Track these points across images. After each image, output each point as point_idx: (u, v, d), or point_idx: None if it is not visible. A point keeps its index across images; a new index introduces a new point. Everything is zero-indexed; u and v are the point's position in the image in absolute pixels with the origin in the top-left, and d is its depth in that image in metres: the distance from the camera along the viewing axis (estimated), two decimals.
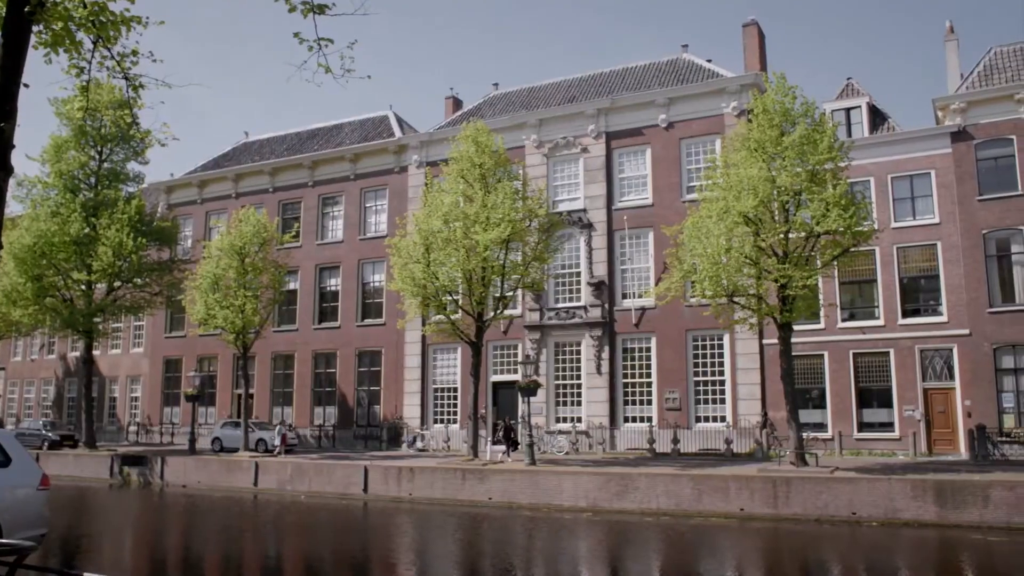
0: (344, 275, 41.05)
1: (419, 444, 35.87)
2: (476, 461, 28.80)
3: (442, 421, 37.42)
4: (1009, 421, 28.51)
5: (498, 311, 30.29)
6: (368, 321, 40.03)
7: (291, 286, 41.49)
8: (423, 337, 36.99)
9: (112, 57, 9.21)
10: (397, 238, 30.80)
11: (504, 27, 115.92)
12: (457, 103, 44.03)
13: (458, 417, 36.77)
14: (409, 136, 40.72)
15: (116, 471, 35.53)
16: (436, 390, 37.95)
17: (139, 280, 39.45)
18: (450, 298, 29.92)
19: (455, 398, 37.28)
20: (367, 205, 41.42)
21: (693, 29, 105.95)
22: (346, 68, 8.82)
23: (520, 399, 30.34)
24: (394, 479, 28.56)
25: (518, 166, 33.38)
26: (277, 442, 34.49)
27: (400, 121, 43.96)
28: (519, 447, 30.26)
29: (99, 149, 39.09)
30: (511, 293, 31.11)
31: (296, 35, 8.73)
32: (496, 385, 36.17)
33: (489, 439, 31.92)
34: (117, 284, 38.60)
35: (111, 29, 8.78)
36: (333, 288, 41.59)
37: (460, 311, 30.44)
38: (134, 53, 9.33)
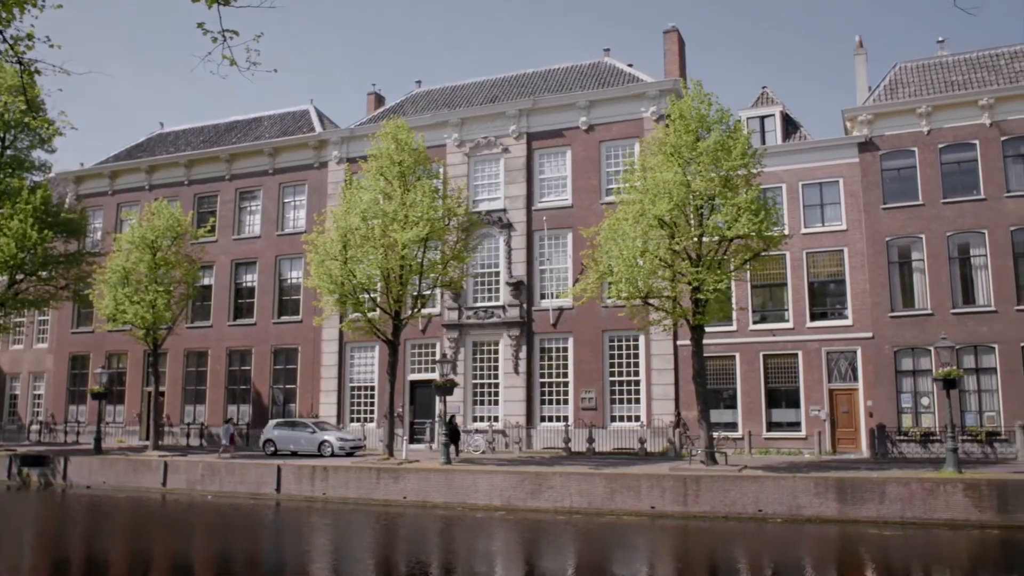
0: (261, 271, 40.30)
1: None
2: (391, 460, 28.62)
3: (359, 420, 37.08)
4: (907, 421, 29.69)
5: (416, 310, 30.16)
6: (285, 318, 39.39)
7: (206, 281, 40.56)
8: (341, 335, 36.62)
9: (5, 40, 8.88)
10: (315, 235, 30.39)
11: (429, 25, 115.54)
12: (379, 99, 43.68)
13: (375, 416, 36.49)
14: (330, 132, 40.20)
15: (14, 472, 34.16)
16: (353, 388, 37.58)
17: (44, 273, 37.92)
18: (367, 296, 29.66)
19: (372, 397, 36.98)
20: (286, 200, 40.74)
21: (616, 33, 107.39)
22: (252, 61, 8.70)
23: (437, 398, 30.25)
24: (308, 479, 28.19)
25: (438, 164, 33.31)
26: (226, 441, 33.30)
27: (321, 116, 43.38)
28: (460, 448, 29.99)
29: (1, 136, 37.50)
30: (429, 292, 31.02)
31: (200, 25, 8.56)
32: (414, 384, 36.02)
33: (405, 438, 31.77)
34: (20, 277, 37.07)
35: (2, 11, 8.46)
36: (249, 284, 40.78)
37: (378, 309, 30.20)
38: (29, 37, 9.02)
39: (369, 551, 20.43)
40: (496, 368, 34.77)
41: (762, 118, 34.00)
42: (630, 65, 37.05)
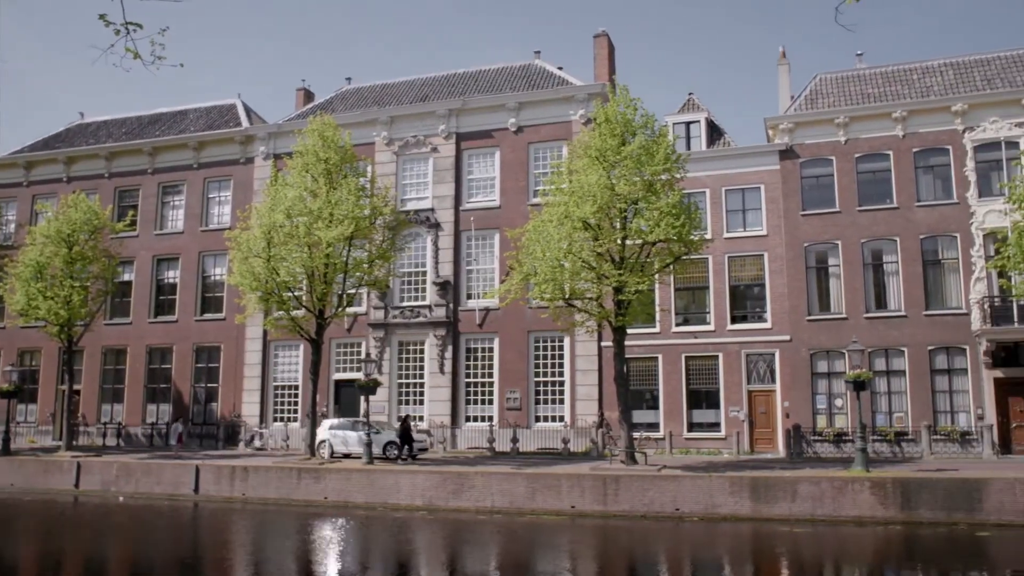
0: (184, 267, 39.45)
1: (257, 443, 34.97)
2: (313, 460, 28.31)
3: (282, 419, 36.59)
4: (822, 421, 30.59)
5: (340, 309, 29.92)
6: (208, 316, 38.64)
7: (125, 277, 39.55)
8: (264, 333, 36.10)
9: None
10: (237, 231, 29.90)
11: (361, 22, 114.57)
12: (309, 95, 43.17)
13: (299, 415, 36.05)
14: (257, 127, 39.61)
15: None
16: (277, 388, 37.08)
17: None
18: (291, 294, 29.29)
19: (296, 396, 36.53)
20: (210, 196, 39.99)
21: (548, 36, 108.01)
22: (157, 55, 8.53)
23: (362, 398, 30.02)
24: (227, 479, 27.72)
25: (366, 163, 33.16)
26: (174, 441, 32.12)
27: (249, 111, 42.67)
28: (415, 449, 29.65)
29: None
30: (354, 291, 30.79)
31: (102, 17, 8.35)
32: (339, 383, 35.71)
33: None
34: None
35: None
36: (171, 280, 39.89)
37: (302, 308, 29.85)
38: None
39: (281, 553, 20.16)
40: (422, 368, 34.70)
41: (688, 124, 34.65)
42: (560, 68, 37.36)
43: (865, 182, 31.60)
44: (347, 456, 30.00)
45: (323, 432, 30.97)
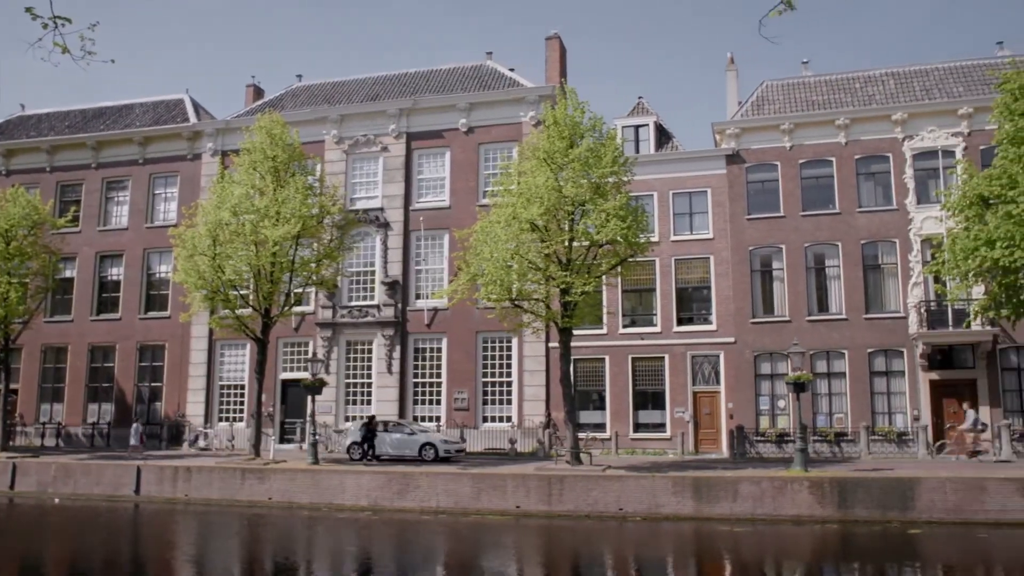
0: (128, 264, 38.75)
1: (201, 443, 34.52)
2: (258, 460, 28.05)
3: (228, 419, 36.16)
4: (765, 422, 31.13)
5: (286, 308, 29.68)
6: (152, 314, 38.02)
7: (67, 274, 38.74)
8: (210, 332, 35.64)
9: None
10: (182, 228, 29.49)
11: (312, 19, 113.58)
12: (258, 92, 42.68)
13: (245, 415, 35.66)
14: (205, 123, 39.10)
15: None
16: (223, 387, 36.62)
17: None
18: (237, 293, 28.98)
19: (242, 396, 36.13)
20: (156, 192, 39.36)
21: (500, 38, 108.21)
22: (87, 50, 8.41)
23: (308, 398, 29.78)
24: (169, 479, 27.32)
25: (315, 161, 32.93)
26: (134, 441, 31.14)
27: (197, 106, 42.04)
28: (375, 450, 29.36)
29: None
30: (301, 290, 30.57)
31: (28, 10, 8.22)
32: (286, 383, 35.38)
33: (274, 438, 31.18)
34: None
35: None
36: (115, 278, 39.15)
37: (248, 307, 29.54)
38: None
39: (217, 553, 19.96)
40: (369, 368, 34.56)
41: (637, 127, 34.98)
42: (512, 70, 37.49)
43: (809, 187, 32.23)
44: (377, 458, 28.70)
45: (353, 433, 29.98)
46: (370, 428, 29.10)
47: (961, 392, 29.78)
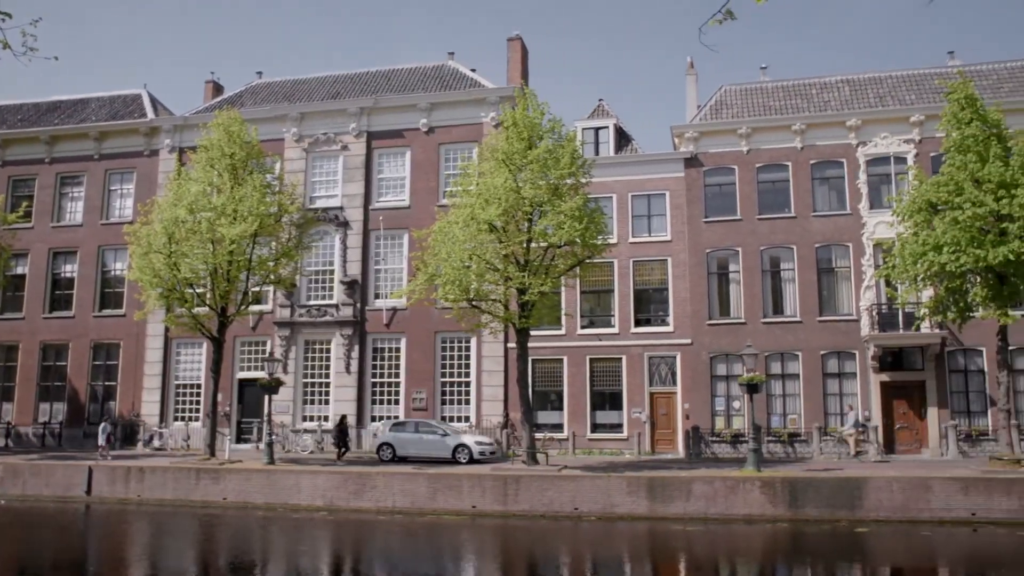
0: (82, 261, 38.13)
1: (156, 443, 34.09)
2: (213, 460, 27.80)
3: (184, 419, 35.75)
4: (720, 423, 31.51)
5: (243, 307, 29.45)
6: (107, 312, 37.45)
7: (18, 270, 38.04)
8: (166, 330, 35.20)
9: None
10: (138, 225, 29.13)
11: (273, 16, 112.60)
12: (218, 88, 42.26)
13: (201, 415, 35.30)
14: (163, 119, 38.62)
15: None
16: (179, 386, 36.20)
17: None
18: (193, 291, 28.69)
19: (199, 395, 35.73)
20: (112, 188, 38.79)
21: (463, 38, 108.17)
22: (28, 47, 8.37)
23: (265, 397, 29.59)
24: (122, 480, 26.96)
25: (273, 159, 32.70)
26: (102, 441, 30.32)
27: (155, 102, 41.51)
28: (349, 450, 28.98)
29: None
30: (258, 289, 30.35)
31: None
32: (243, 382, 35.07)
33: (229, 437, 30.91)
34: None
35: None
36: (69, 275, 38.52)
37: (205, 305, 29.27)
38: None
39: (168, 553, 19.77)
40: (328, 367, 34.39)
41: (597, 130, 35.20)
42: (473, 70, 37.52)
43: (765, 191, 32.68)
44: (403, 459, 28.11)
45: (383, 435, 29.25)
46: (341, 428, 28.88)
47: (911, 393, 30.43)
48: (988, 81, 32.93)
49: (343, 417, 30.06)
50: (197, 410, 35.70)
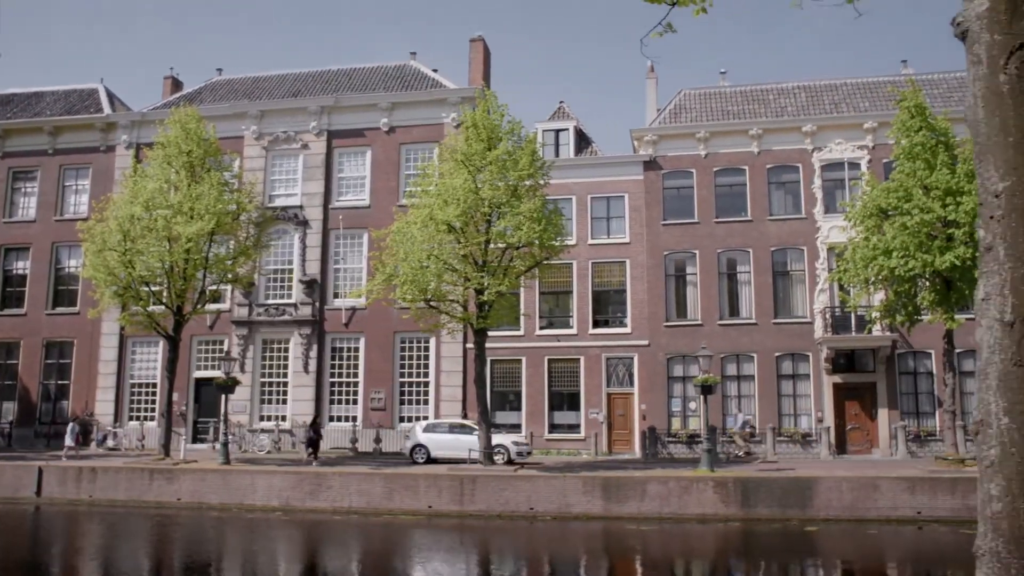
0: (35, 258, 37.49)
1: (110, 443, 33.64)
2: (167, 460, 27.53)
3: (139, 418, 35.32)
4: (676, 423, 31.87)
5: (199, 306, 29.19)
6: (60, 309, 36.86)
7: None
8: (121, 328, 34.72)
9: None
10: (92, 222, 28.74)
11: (235, 12, 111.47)
12: (177, 84, 41.79)
13: (157, 414, 34.88)
14: (119, 114, 38.13)
15: None
16: (134, 385, 35.76)
17: None
18: (148, 289, 28.38)
19: (154, 394, 35.29)
20: (67, 184, 38.19)
21: (426, 38, 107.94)
22: None
23: (222, 397, 29.35)
24: (73, 480, 26.55)
25: (231, 157, 32.42)
26: (70, 442, 29.65)
27: (112, 97, 40.93)
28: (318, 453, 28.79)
29: None
30: (215, 287, 30.09)
31: None
32: (200, 381, 34.75)
33: (184, 437, 30.61)
34: None
35: None
36: (21, 271, 37.85)
37: (160, 303, 28.96)
38: None
39: (115, 554, 19.57)
40: (286, 367, 34.20)
41: (557, 132, 35.40)
42: (435, 70, 37.54)
43: (722, 195, 33.10)
44: (434, 461, 27.35)
45: (415, 436, 28.39)
46: (315, 430, 28.63)
47: (863, 395, 31.05)
48: (939, 90, 33.69)
49: (315, 418, 29.89)
50: (152, 409, 35.27)
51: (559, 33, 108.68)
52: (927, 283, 25.05)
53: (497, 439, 27.38)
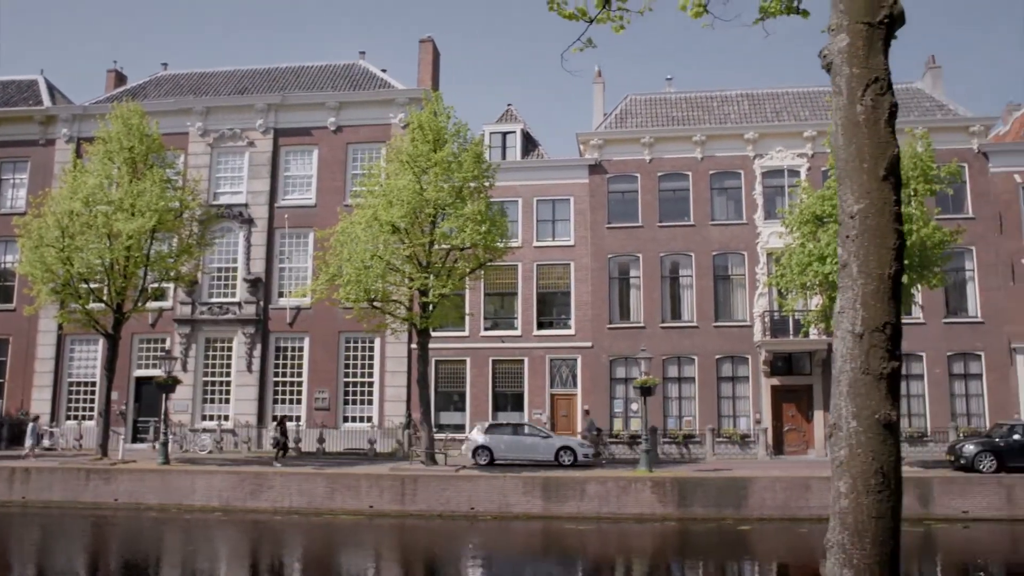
0: None
1: (47, 442, 32.88)
2: (105, 460, 27.15)
3: (77, 418, 34.69)
4: (618, 424, 32.29)
5: (139, 304, 28.81)
6: None
7: None
8: (59, 326, 34.08)
9: None
10: (29, 217, 28.20)
11: (183, 6, 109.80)
12: (121, 78, 41.09)
13: (95, 413, 34.31)
14: (60, 107, 37.40)
15: None
16: (72, 384, 35.10)
17: None
18: (86, 286, 27.94)
19: (94, 393, 34.70)
20: (4, 177, 37.33)
21: (377, 37, 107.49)
22: None
23: (163, 396, 28.98)
24: (5, 481, 26.00)
25: (175, 153, 32.02)
26: (30, 441, 28.74)
27: (52, 89, 40.09)
28: (288, 451, 28.43)
29: None
30: (157, 285, 29.72)
31: None
32: (140, 380, 34.23)
33: (123, 437, 30.19)
34: None
35: None
36: None
37: (100, 301, 28.52)
38: None
39: (52, 558, 19.30)
40: (229, 366, 33.88)
41: (504, 134, 35.61)
42: (384, 71, 37.50)
43: (666, 199, 33.62)
44: (524, 466, 26.54)
45: (478, 437, 27.61)
46: (282, 429, 28.37)
47: (800, 396, 31.78)
48: None
49: (282, 418, 29.66)
50: (91, 409, 34.68)
51: (509, 36, 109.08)
52: None
53: (562, 441, 27.56)
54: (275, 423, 29.09)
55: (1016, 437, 24.68)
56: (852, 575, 3.45)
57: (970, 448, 24.69)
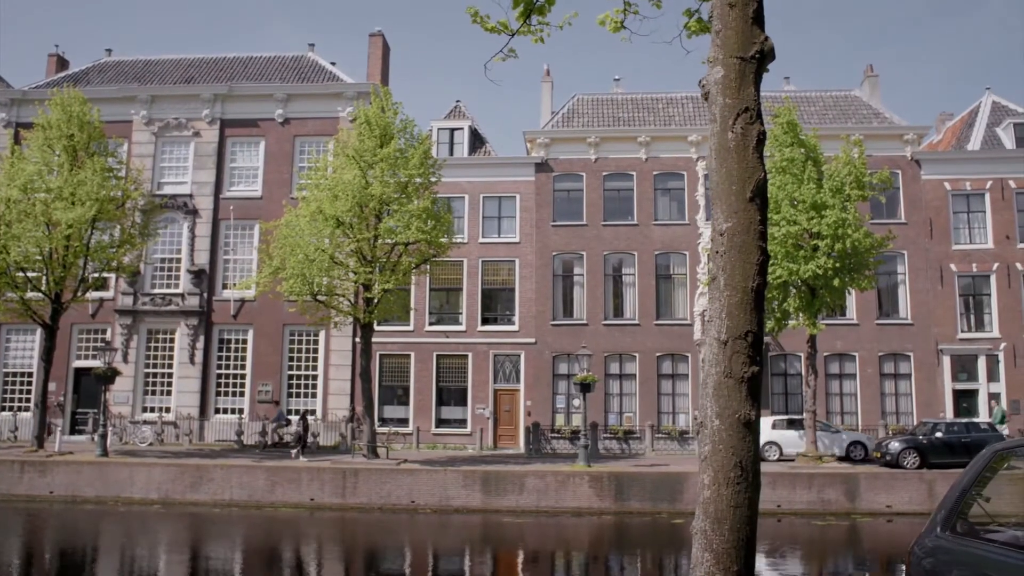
0: None
1: None
2: (40, 452, 26.82)
3: (12, 409, 34.07)
4: (560, 420, 32.77)
5: (79, 294, 28.46)
6: None
7: None
8: None
9: None
10: None
11: None
12: (63, 63, 40.34)
13: (32, 404, 33.75)
14: None
15: None
16: (7, 374, 34.47)
17: None
18: (23, 275, 27.52)
19: (31, 384, 34.13)
20: None
21: (327, 30, 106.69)
22: None
23: (101, 387, 28.69)
24: None
25: (118, 142, 31.64)
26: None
27: None
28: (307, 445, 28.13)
29: None
30: (96, 276, 29.37)
31: None
32: (80, 371, 33.76)
33: (61, 428, 29.81)
34: None
35: None
36: None
37: (38, 291, 28.11)
38: None
39: None
40: (171, 357, 33.59)
41: (452, 130, 35.80)
42: (333, 64, 37.41)
43: (611, 199, 34.15)
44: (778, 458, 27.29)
45: (768, 433, 27.91)
46: (305, 425, 28.21)
47: None
48: (815, 107, 35.59)
49: (305, 413, 29.63)
50: (27, 400, 34.12)
51: (459, 33, 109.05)
52: (794, 291, 26.52)
53: (852, 436, 28.42)
54: (299, 418, 29.02)
55: (939, 435, 25.68)
56: (712, 558, 3.82)
57: (895, 445, 25.65)
